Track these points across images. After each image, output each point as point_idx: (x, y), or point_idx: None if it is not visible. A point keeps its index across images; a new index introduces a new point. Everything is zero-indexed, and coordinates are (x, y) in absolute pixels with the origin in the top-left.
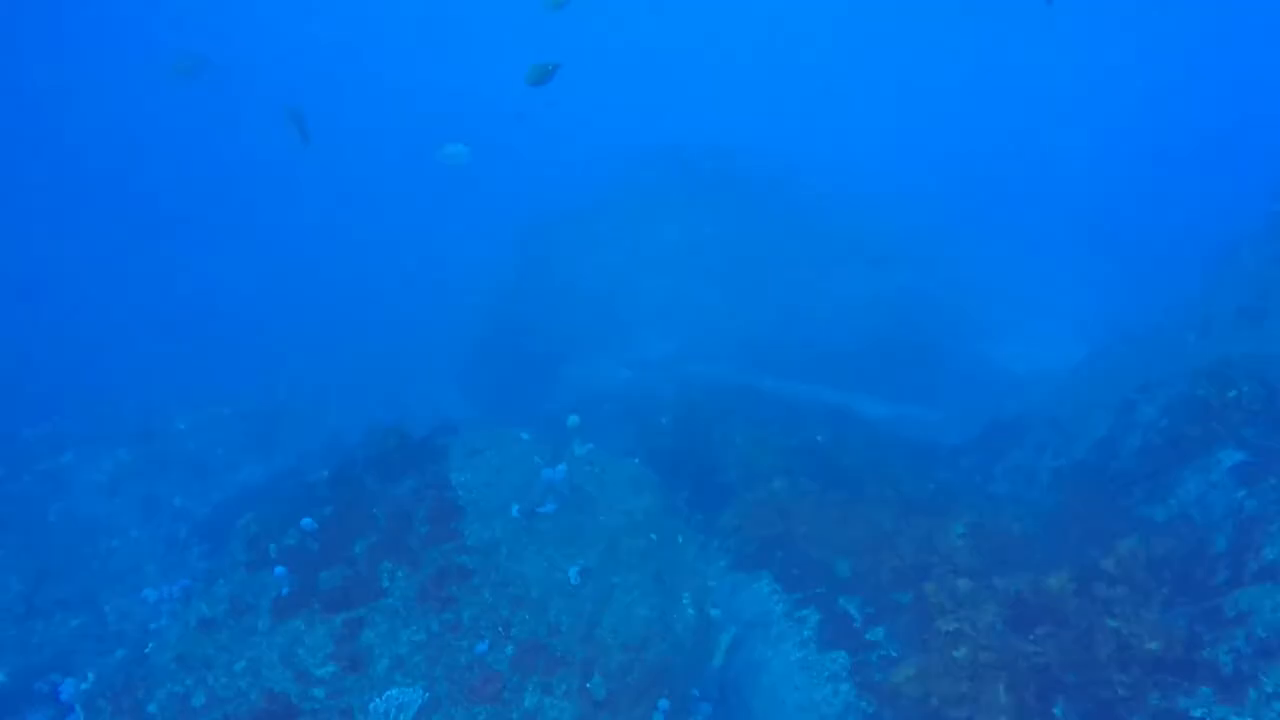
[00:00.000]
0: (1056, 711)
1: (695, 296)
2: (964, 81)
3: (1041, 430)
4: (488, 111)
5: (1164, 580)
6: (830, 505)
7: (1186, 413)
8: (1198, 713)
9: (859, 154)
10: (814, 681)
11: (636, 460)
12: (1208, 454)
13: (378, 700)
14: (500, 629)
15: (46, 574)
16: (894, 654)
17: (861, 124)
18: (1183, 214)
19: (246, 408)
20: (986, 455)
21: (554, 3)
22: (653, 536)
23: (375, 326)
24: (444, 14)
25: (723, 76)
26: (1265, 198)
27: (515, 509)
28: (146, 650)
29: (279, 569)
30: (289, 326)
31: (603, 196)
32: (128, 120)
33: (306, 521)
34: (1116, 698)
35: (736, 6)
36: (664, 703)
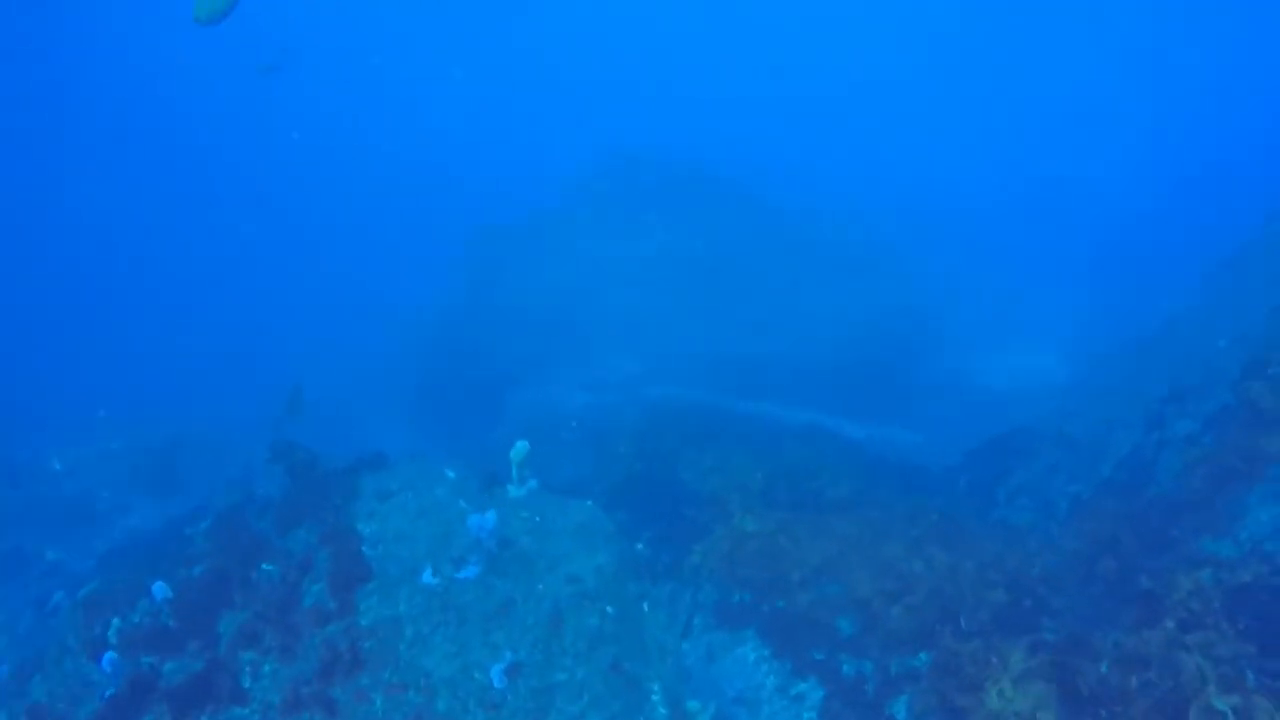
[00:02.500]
0: None
1: (659, 313)
2: (941, 90)
3: (1050, 449)
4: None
5: (1249, 634)
6: (819, 539)
7: (1240, 424)
8: None
9: (831, 163)
10: None
11: (589, 503)
12: None
13: None
14: None
15: None
16: None
17: (835, 132)
18: (1160, 229)
19: (141, 442)
20: (985, 477)
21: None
22: (609, 609)
23: (308, 350)
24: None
25: (686, 80)
26: (1256, 205)
27: (428, 572)
28: None
29: (108, 657)
30: (203, 351)
31: (555, 207)
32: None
33: (159, 589)
34: None
35: (705, 8)
36: None
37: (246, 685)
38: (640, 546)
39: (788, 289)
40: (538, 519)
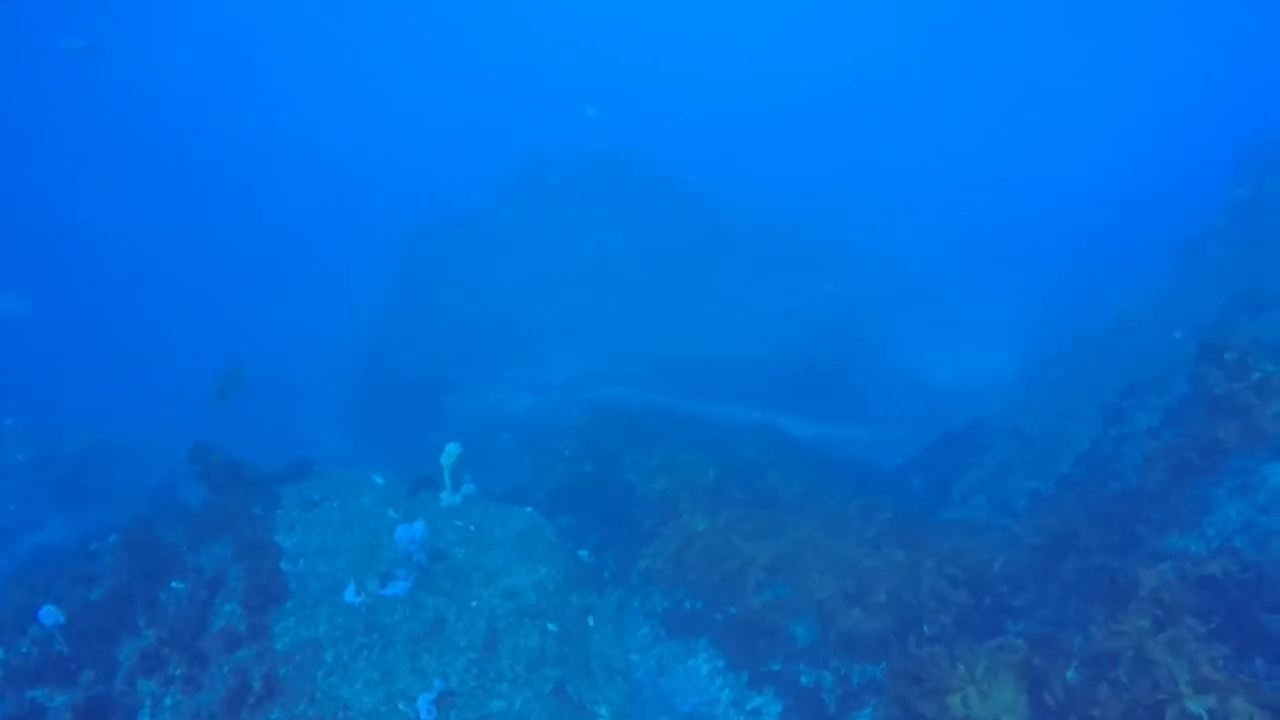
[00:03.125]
0: None
1: (602, 313)
2: (888, 89)
3: (1004, 446)
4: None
5: (1222, 634)
6: (772, 538)
7: (1200, 416)
8: None
9: (775, 162)
10: None
11: (529, 509)
12: (1247, 467)
13: None
14: None
15: None
16: None
17: (780, 131)
18: (1108, 224)
19: (51, 451)
20: (938, 475)
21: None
22: (550, 627)
23: (243, 351)
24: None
25: (630, 78)
26: (1205, 199)
27: (351, 589)
28: None
29: None
30: (125, 355)
31: (495, 205)
32: None
33: (47, 613)
34: None
35: (651, 7)
36: None
37: None
38: (584, 554)
39: (731, 288)
40: (472, 528)
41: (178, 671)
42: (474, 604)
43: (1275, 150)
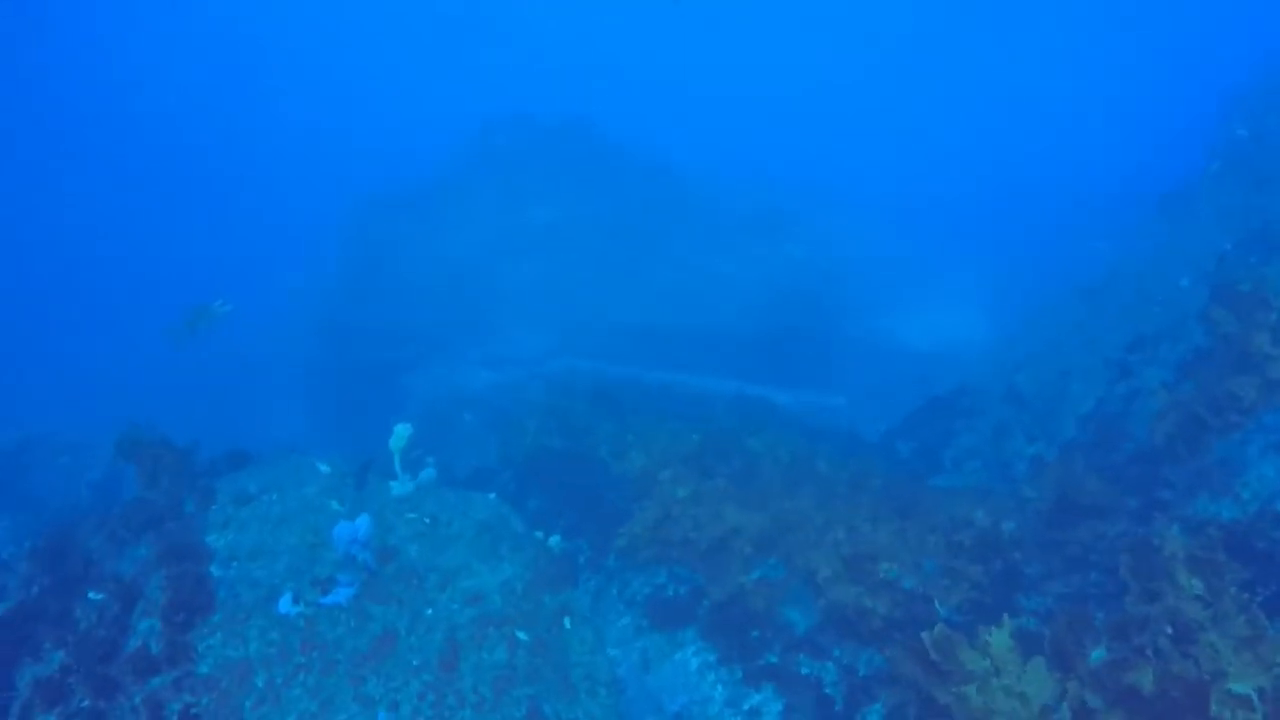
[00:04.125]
0: None
1: (564, 284)
2: (852, 42)
3: (996, 408)
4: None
5: (1271, 607)
6: (758, 510)
7: (1218, 367)
8: None
9: (734, 127)
10: None
11: (493, 496)
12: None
13: None
14: None
15: None
16: None
17: (739, 97)
18: (1082, 178)
19: None
20: (928, 441)
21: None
22: (521, 635)
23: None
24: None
25: (585, 43)
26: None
27: (287, 598)
28: None
29: None
30: (65, 339)
31: (446, 174)
32: None
33: None
34: None
35: None
36: None
37: None
38: (555, 539)
39: (693, 254)
40: (427, 521)
41: (83, 704)
42: (429, 612)
43: (1275, 85)
